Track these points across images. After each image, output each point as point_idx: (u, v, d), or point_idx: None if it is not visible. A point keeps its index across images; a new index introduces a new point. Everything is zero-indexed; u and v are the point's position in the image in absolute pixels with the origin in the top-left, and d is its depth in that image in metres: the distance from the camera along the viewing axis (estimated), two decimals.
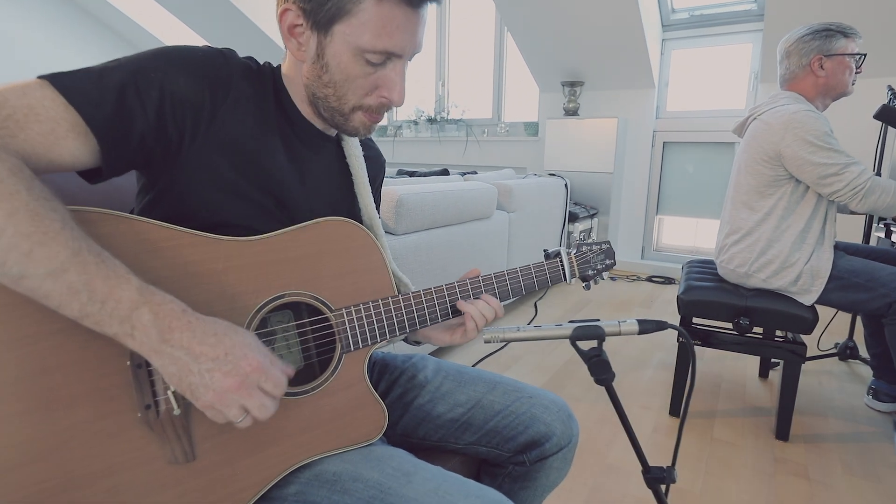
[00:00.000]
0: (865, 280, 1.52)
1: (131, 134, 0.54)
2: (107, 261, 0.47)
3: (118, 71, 0.54)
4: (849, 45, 1.57)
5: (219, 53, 0.62)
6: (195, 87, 0.58)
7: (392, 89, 0.63)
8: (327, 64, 0.61)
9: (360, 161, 0.76)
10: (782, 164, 1.56)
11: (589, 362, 0.59)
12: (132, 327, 0.47)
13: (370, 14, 0.57)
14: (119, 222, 0.52)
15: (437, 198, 1.95)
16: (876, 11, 2.65)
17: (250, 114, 0.62)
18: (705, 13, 3.63)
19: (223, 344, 0.50)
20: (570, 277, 0.81)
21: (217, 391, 0.49)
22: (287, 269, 0.60)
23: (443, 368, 0.83)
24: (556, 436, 0.74)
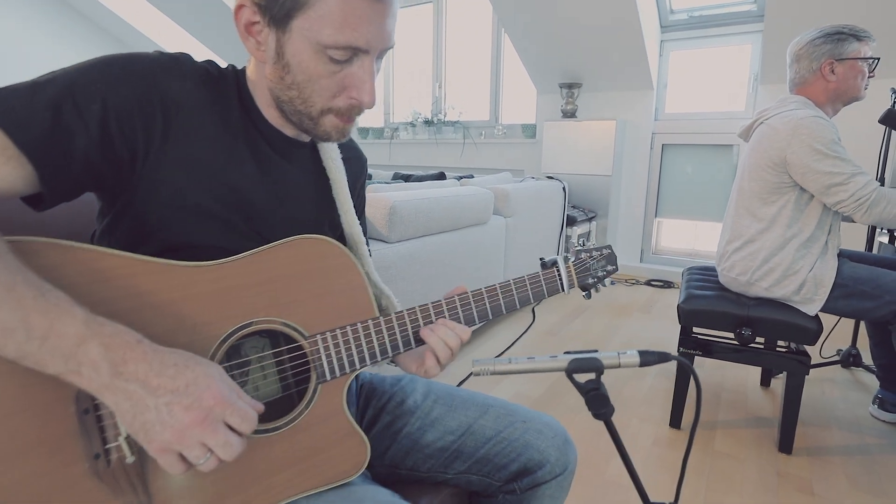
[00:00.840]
0: (871, 288, 1.48)
1: (72, 154, 0.49)
2: (47, 293, 0.43)
3: (52, 85, 0.49)
4: (861, 49, 1.53)
5: (170, 59, 0.56)
6: (143, 98, 0.52)
7: (361, 88, 0.58)
8: (288, 63, 0.55)
9: (337, 164, 0.71)
10: (787, 171, 1.52)
11: (586, 396, 0.54)
12: (79, 364, 0.42)
13: (330, 5, 0.52)
14: (66, 251, 0.47)
15: (432, 204, 1.90)
16: (879, 11, 2.61)
17: (210, 123, 0.57)
18: (704, 14, 3.59)
19: (184, 375, 0.45)
20: (567, 288, 0.76)
21: (175, 428, 0.44)
22: (256, 294, 0.55)
23: (433, 391, 0.78)
24: (551, 463, 0.70)
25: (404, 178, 3.54)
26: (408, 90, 5.16)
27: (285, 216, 0.64)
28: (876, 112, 1.88)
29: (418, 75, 5.01)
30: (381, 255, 1.69)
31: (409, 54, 5.07)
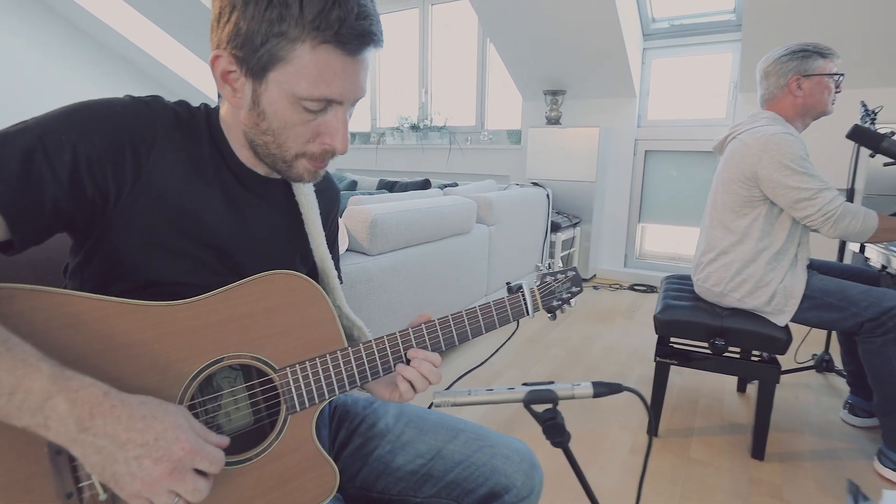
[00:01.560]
0: (838, 300, 1.53)
1: (42, 202, 0.51)
2: (13, 348, 0.44)
3: (23, 135, 0.50)
4: (827, 66, 1.58)
5: (140, 104, 0.58)
6: (113, 144, 0.54)
7: (334, 136, 0.60)
8: (264, 111, 0.58)
9: (310, 199, 0.73)
10: (758, 186, 1.56)
11: (544, 425, 0.57)
12: (46, 418, 0.44)
13: (305, 61, 0.54)
14: (37, 297, 0.49)
15: (413, 216, 1.92)
16: (851, 23, 2.68)
17: (181, 164, 0.59)
18: (685, 23, 3.65)
19: (152, 428, 0.47)
20: (532, 311, 0.79)
21: (145, 480, 0.46)
22: (228, 330, 0.57)
23: (405, 414, 0.80)
24: (517, 487, 0.72)
25: (389, 185, 3.55)
26: (394, 95, 5.17)
27: (256, 252, 0.66)
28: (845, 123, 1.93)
29: (405, 81, 5.03)
30: (362, 267, 1.71)
31: (395, 60, 5.09)
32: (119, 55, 5.49)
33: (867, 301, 1.48)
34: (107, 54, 5.41)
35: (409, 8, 4.82)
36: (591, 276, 4.01)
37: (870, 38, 2.70)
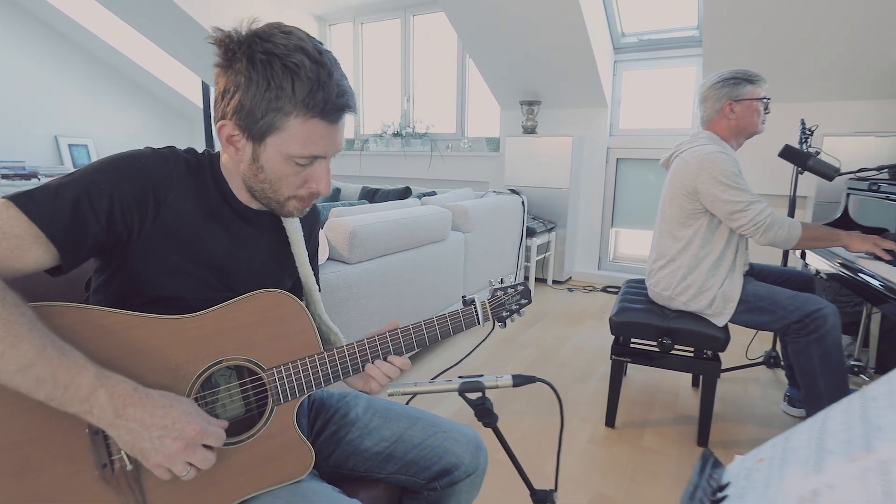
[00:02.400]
0: (768, 304, 1.71)
1: (86, 238, 0.65)
2: (67, 353, 0.59)
3: (72, 186, 0.65)
4: (755, 91, 1.76)
5: (161, 156, 0.73)
6: (140, 191, 0.69)
7: (319, 182, 0.75)
8: (262, 166, 0.73)
9: (295, 225, 0.88)
10: (698, 199, 1.74)
11: (475, 409, 0.72)
12: (91, 406, 0.59)
13: (297, 129, 0.69)
14: (77, 312, 0.63)
15: (390, 226, 2.07)
16: (804, 40, 2.89)
17: (190, 204, 0.74)
18: (652, 38, 3.85)
19: (170, 415, 0.62)
20: (483, 321, 0.93)
21: (166, 453, 0.61)
22: (225, 338, 0.72)
23: (372, 405, 0.95)
24: (465, 465, 0.88)
25: (372, 193, 3.69)
26: (377, 103, 5.31)
27: (251, 271, 0.80)
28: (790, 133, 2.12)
29: (387, 89, 5.17)
30: (342, 275, 1.85)
31: (378, 68, 5.22)
32: (109, 65, 5.55)
33: (793, 305, 1.67)
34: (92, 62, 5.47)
35: (391, 18, 4.96)
36: (566, 278, 4.19)
37: (822, 54, 2.91)
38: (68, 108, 5.35)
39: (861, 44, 2.75)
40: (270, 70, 0.66)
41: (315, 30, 5.34)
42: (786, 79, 3.14)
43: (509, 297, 0.96)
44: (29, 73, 5.00)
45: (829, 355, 1.62)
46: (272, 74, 0.67)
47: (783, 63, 3.04)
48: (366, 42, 5.24)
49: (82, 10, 4.87)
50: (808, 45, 2.87)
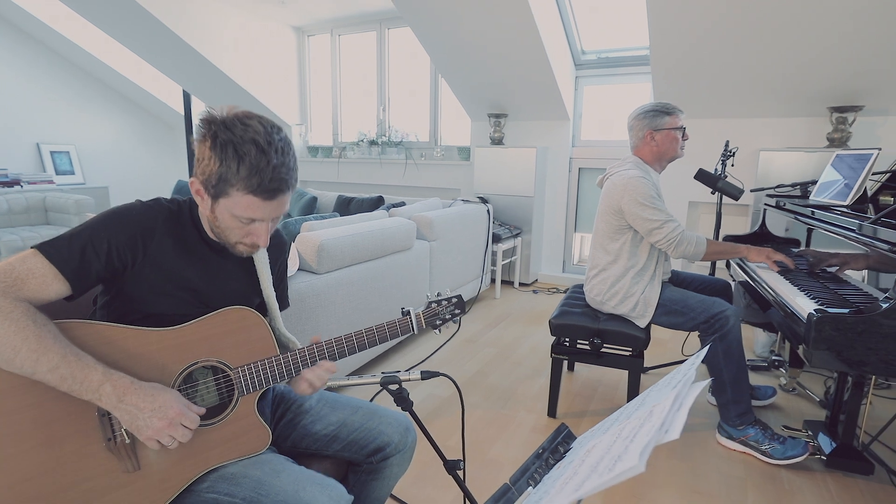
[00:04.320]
0: (681, 307, 1.97)
1: (91, 274, 0.88)
2: (82, 357, 0.81)
3: (81, 236, 0.87)
4: (673, 121, 2.01)
5: (148, 208, 0.95)
6: (131, 236, 0.91)
7: (257, 237, 0.96)
8: (217, 217, 0.94)
9: (261, 254, 1.10)
10: (624, 217, 1.99)
11: (395, 396, 0.95)
12: (100, 395, 0.81)
13: (238, 199, 0.90)
14: (86, 327, 0.85)
15: (356, 239, 2.29)
16: (741, 59, 3.17)
17: (172, 242, 0.96)
18: (610, 56, 4.12)
19: (157, 401, 0.84)
20: (417, 330, 1.16)
21: (155, 428, 0.83)
22: (200, 345, 0.94)
23: (323, 398, 1.18)
24: (395, 443, 1.10)
25: (347, 201, 3.90)
26: (354, 112, 5.51)
27: (221, 293, 1.02)
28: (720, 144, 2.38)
29: (364, 98, 5.37)
30: (311, 284, 2.07)
31: (355, 78, 5.42)
32: (90, 73, 5.66)
33: (701, 308, 1.93)
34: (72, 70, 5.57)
35: (367, 30, 5.16)
36: (532, 280, 4.45)
37: (759, 76, 3.20)
38: (50, 115, 5.46)
39: (795, 66, 3.04)
40: (225, 153, 0.87)
41: (293, 41, 5.52)
42: (725, 97, 3.43)
43: (443, 309, 1.18)
44: (10, 82, 5.11)
45: (731, 350, 1.88)
46: (225, 156, 0.87)
47: (723, 83, 3.33)
48: (343, 53, 5.44)
49: (63, 20, 4.99)
50: (746, 68, 3.16)
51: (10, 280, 0.81)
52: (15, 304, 0.79)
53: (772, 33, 2.86)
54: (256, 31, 5.09)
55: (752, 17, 2.80)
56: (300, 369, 1.03)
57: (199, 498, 0.92)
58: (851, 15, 2.62)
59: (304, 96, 5.72)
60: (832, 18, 2.67)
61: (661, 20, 3.00)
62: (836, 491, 1.72)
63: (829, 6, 2.61)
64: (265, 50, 5.22)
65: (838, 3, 2.58)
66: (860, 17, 2.62)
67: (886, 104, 3.07)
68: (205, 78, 5.01)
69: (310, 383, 1.03)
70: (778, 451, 1.84)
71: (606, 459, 0.56)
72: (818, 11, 2.66)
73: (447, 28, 3.70)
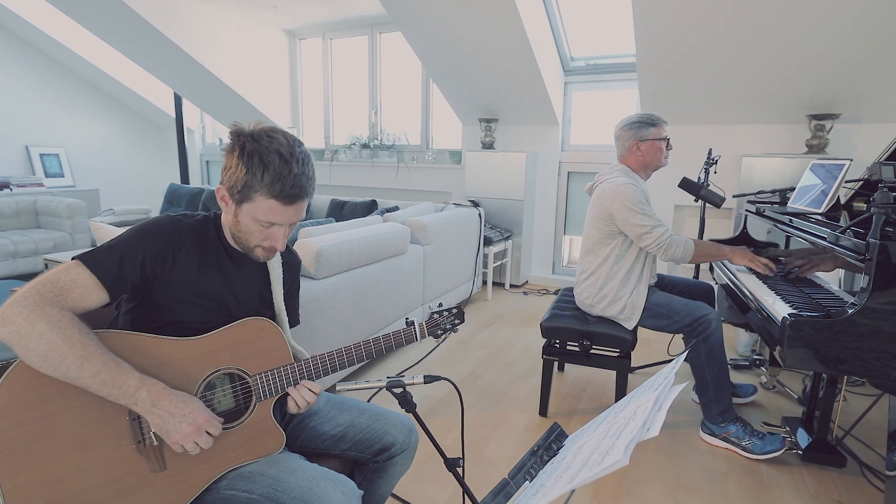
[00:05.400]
0: (666, 311, 2.07)
1: (127, 283, 0.95)
2: (120, 364, 0.88)
3: (118, 247, 0.94)
4: (657, 132, 2.11)
5: (177, 222, 1.02)
6: (162, 249, 0.98)
7: (275, 241, 1.05)
8: (239, 221, 1.02)
9: (276, 267, 1.17)
10: (614, 223, 2.08)
11: (399, 399, 1.03)
12: (136, 400, 0.88)
13: (261, 204, 0.99)
14: (122, 336, 0.92)
15: (353, 245, 2.36)
16: (717, 73, 3.29)
17: (196, 254, 1.03)
18: (598, 62, 4.22)
19: (187, 408, 0.91)
20: (420, 338, 1.23)
21: (182, 433, 0.90)
22: (222, 353, 1.01)
23: (331, 400, 1.25)
24: (399, 443, 1.18)
25: (340, 205, 3.96)
26: (346, 115, 5.56)
27: (240, 302, 1.09)
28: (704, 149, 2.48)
29: (356, 102, 5.43)
30: (310, 289, 2.13)
31: (347, 81, 5.47)
32: (80, 75, 5.64)
33: (685, 311, 2.03)
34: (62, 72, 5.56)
35: (358, 35, 5.22)
36: (523, 282, 4.54)
37: (742, 84, 3.31)
38: (39, 117, 5.44)
39: (776, 75, 3.16)
40: (251, 162, 0.97)
41: (285, 44, 5.55)
42: (710, 104, 3.54)
43: (444, 319, 1.26)
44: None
45: (713, 351, 1.98)
46: (251, 165, 0.97)
47: (707, 90, 3.44)
48: (335, 56, 5.48)
49: (52, 22, 4.98)
50: (729, 76, 3.27)
51: (57, 290, 0.87)
52: (62, 314, 0.86)
53: (754, 42, 2.97)
54: (248, 35, 5.12)
55: (736, 27, 2.92)
56: (319, 375, 1.10)
57: (218, 495, 0.99)
58: (830, 28, 2.74)
59: (296, 99, 5.75)
60: (811, 31, 2.79)
61: (647, 29, 3.11)
62: (811, 484, 1.82)
63: (809, 19, 2.73)
64: (257, 53, 5.25)
65: (817, 17, 2.70)
66: (838, 30, 2.74)
67: (861, 113, 3.21)
68: (196, 81, 5.03)
69: (295, 402, 1.09)
70: (757, 446, 1.94)
71: (596, 454, 0.65)
72: (798, 23, 2.77)
73: (438, 34, 3.77)
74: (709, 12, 2.87)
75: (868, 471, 1.87)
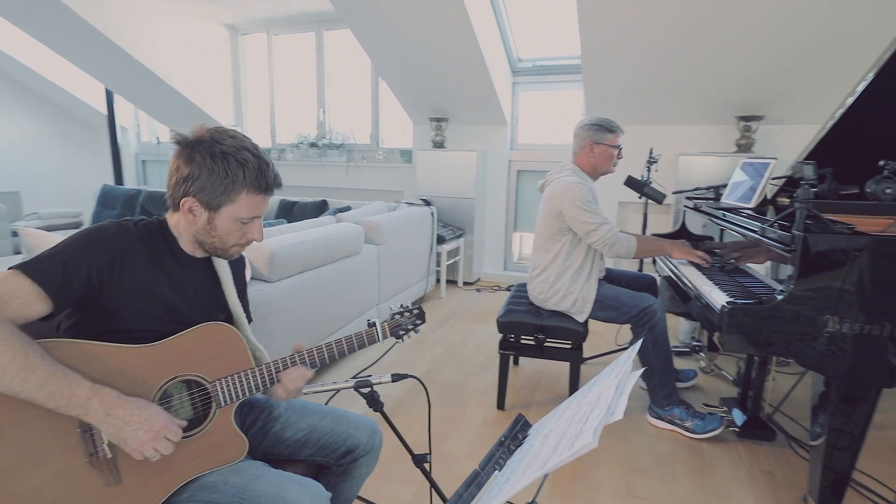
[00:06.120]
0: (615, 303, 2.16)
1: (71, 292, 0.90)
2: (68, 374, 0.83)
3: (60, 255, 0.89)
4: (613, 139, 2.20)
5: (124, 227, 0.98)
6: (108, 255, 0.94)
7: (255, 234, 1.06)
8: (216, 227, 1.01)
9: (225, 268, 1.14)
10: (564, 220, 2.16)
11: (366, 398, 1.03)
12: (88, 410, 0.84)
13: (244, 201, 0.99)
14: (69, 345, 0.88)
15: (307, 246, 2.32)
16: (657, 76, 3.46)
17: (145, 261, 0.99)
18: (545, 64, 4.34)
19: (143, 414, 0.87)
20: (382, 339, 1.23)
21: (140, 441, 0.87)
22: (178, 360, 0.97)
23: (292, 405, 1.22)
24: (363, 445, 1.17)
25: (289, 206, 3.87)
26: (292, 113, 5.43)
27: (192, 307, 1.05)
28: None
29: (302, 99, 5.31)
30: (263, 292, 2.08)
31: (293, 78, 5.34)
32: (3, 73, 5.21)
33: (632, 303, 2.13)
34: None
35: (304, 31, 5.10)
36: (475, 279, 4.60)
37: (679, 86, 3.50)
38: None
39: (707, 78, 3.37)
40: (227, 164, 0.96)
41: (227, 39, 5.35)
42: (650, 105, 3.73)
43: (406, 319, 1.26)
44: None
45: (658, 340, 2.09)
46: (228, 167, 0.96)
47: (647, 91, 3.62)
48: (280, 53, 5.34)
49: None
50: (666, 78, 3.45)
51: None
52: (0, 325, 0.80)
53: (687, 47, 3.16)
54: (187, 28, 4.90)
55: (672, 33, 3.08)
56: (275, 381, 1.08)
57: None
58: (754, 37, 2.95)
59: (239, 96, 5.56)
60: (739, 39, 2.99)
61: (592, 33, 3.23)
62: (746, 458, 1.97)
63: (737, 29, 2.93)
64: (196, 48, 5.03)
65: (744, 28, 2.90)
66: (761, 39, 2.96)
67: (782, 115, 3.47)
68: (130, 76, 4.76)
69: (285, 388, 1.08)
70: (699, 426, 2.07)
71: (565, 440, 0.68)
72: (728, 32, 2.97)
73: (387, 31, 3.76)
74: (649, 20, 3.02)
75: (794, 442, 2.04)
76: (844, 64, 2.96)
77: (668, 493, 1.77)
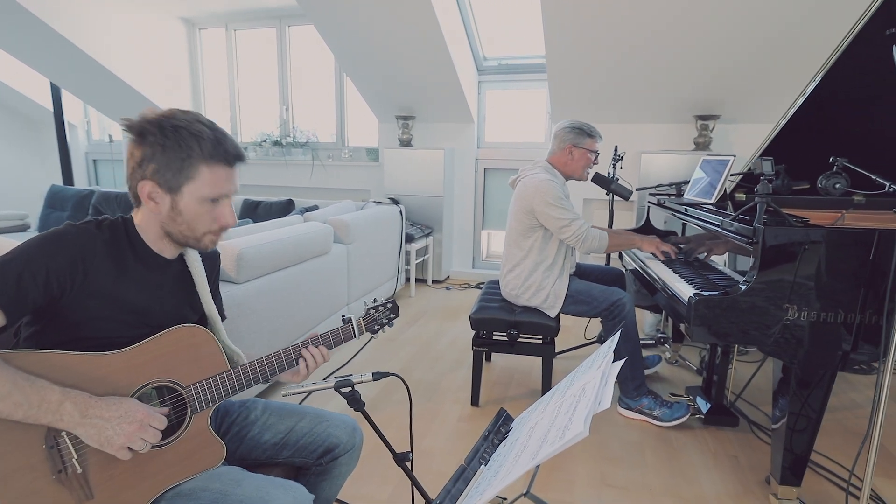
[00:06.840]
0: (586, 297, 2.21)
1: (27, 304, 0.84)
2: (33, 381, 0.79)
3: (15, 262, 0.83)
4: (592, 144, 2.24)
5: (85, 230, 0.92)
6: (70, 260, 0.88)
7: (227, 217, 0.99)
8: (181, 211, 0.94)
9: (198, 267, 1.09)
10: (535, 216, 2.18)
11: (348, 399, 1.01)
12: (61, 415, 0.79)
13: (206, 176, 0.93)
14: (30, 356, 0.82)
15: (275, 246, 2.27)
16: (620, 76, 3.55)
17: (110, 265, 0.93)
18: (510, 63, 4.38)
19: (122, 407, 0.84)
20: (358, 335, 1.22)
21: (125, 434, 0.83)
22: (151, 366, 0.93)
23: (269, 407, 1.20)
24: (343, 443, 1.16)
25: (254, 205, 3.77)
26: (254, 111, 5.29)
27: (164, 311, 1.01)
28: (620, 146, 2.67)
29: (264, 97, 5.18)
30: (231, 294, 2.02)
31: (254, 76, 5.20)
32: None
33: (602, 297, 2.18)
34: None
35: (265, 27, 4.98)
36: (444, 277, 4.61)
37: (641, 86, 3.60)
38: None
39: (666, 78, 3.47)
40: (179, 137, 0.90)
41: (183, 33, 5.16)
42: (612, 104, 3.82)
43: (380, 314, 1.25)
44: None
45: (627, 332, 2.15)
46: (181, 140, 0.90)
47: (610, 91, 3.70)
48: (240, 49, 5.19)
49: None
50: (627, 78, 3.55)
51: None
52: None
53: (648, 50, 3.25)
54: (140, 21, 4.69)
55: (634, 36, 3.17)
56: (252, 383, 1.05)
57: None
58: (710, 39, 3.07)
59: (198, 93, 5.38)
60: (695, 40, 3.10)
61: (556, 33, 3.28)
62: (712, 443, 2.05)
63: (693, 31, 3.03)
64: (150, 42, 4.83)
65: (700, 30, 3.01)
66: (716, 41, 3.08)
67: (736, 114, 3.62)
68: (78, 70, 4.52)
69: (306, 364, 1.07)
70: (667, 414, 2.14)
71: (554, 430, 0.69)
72: (685, 34, 3.07)
73: (352, 27, 3.71)
74: (612, 23, 3.09)
75: (756, 427, 2.13)
76: (795, 66, 3.11)
77: (640, 481, 1.82)
